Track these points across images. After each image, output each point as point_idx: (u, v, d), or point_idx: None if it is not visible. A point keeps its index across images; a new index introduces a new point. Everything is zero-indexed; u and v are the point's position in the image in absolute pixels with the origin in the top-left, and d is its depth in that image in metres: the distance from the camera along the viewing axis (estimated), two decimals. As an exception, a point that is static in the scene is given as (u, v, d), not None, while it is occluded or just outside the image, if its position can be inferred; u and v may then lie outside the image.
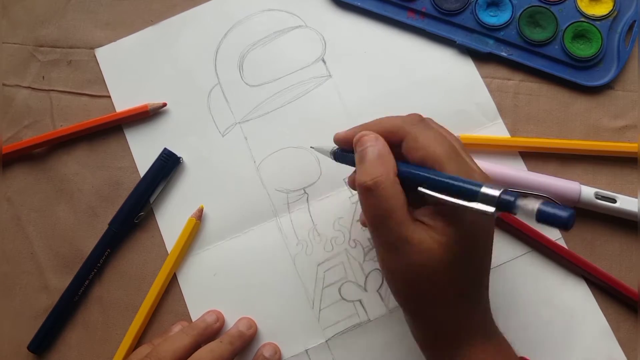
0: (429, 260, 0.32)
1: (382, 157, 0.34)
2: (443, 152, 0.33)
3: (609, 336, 0.43)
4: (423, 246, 0.32)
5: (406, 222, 0.32)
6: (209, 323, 0.43)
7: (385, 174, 0.33)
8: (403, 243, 0.32)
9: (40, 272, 0.46)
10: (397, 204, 0.33)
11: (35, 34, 0.50)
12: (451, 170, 0.32)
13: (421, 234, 0.32)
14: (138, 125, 0.48)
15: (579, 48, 0.47)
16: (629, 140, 0.46)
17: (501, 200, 0.29)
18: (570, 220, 0.26)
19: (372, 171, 0.33)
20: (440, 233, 0.32)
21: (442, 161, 0.33)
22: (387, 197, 0.33)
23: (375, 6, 0.49)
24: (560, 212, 0.26)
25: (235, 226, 0.46)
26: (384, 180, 0.33)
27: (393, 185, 0.33)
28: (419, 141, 0.34)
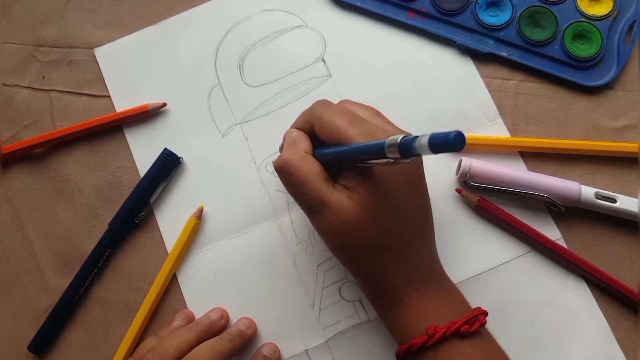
0: (347, 218, 0.35)
1: (293, 142, 0.38)
2: (344, 122, 0.36)
3: (609, 336, 0.43)
4: (341, 206, 0.35)
5: (322, 188, 0.36)
6: (213, 320, 0.43)
7: (294, 153, 0.37)
8: (322, 206, 0.36)
9: (40, 272, 0.46)
10: (309, 174, 0.36)
11: (35, 34, 0.50)
12: (355, 134, 0.35)
13: (338, 196, 0.35)
14: (138, 125, 0.48)
15: (579, 48, 0.47)
16: (629, 140, 0.46)
17: (402, 144, 0.29)
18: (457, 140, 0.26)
19: (282, 154, 0.38)
20: (355, 191, 0.35)
21: (345, 129, 0.35)
22: (297, 171, 0.36)
23: (375, 6, 0.49)
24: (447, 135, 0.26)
25: (235, 226, 0.46)
26: (292, 158, 0.37)
27: (302, 159, 0.37)
28: (323, 119, 0.37)
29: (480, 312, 0.36)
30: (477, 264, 0.44)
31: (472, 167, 0.44)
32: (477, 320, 0.35)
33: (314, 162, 0.37)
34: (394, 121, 0.47)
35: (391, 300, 0.37)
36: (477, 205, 0.44)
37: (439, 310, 0.36)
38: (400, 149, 0.29)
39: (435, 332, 0.34)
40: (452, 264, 0.44)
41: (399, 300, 0.36)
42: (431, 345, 0.34)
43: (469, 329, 0.34)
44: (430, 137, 0.27)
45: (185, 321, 0.43)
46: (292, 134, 0.39)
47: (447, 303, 0.37)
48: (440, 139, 0.27)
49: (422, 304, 0.36)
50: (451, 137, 0.26)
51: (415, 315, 0.36)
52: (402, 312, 0.36)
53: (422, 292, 0.36)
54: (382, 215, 0.35)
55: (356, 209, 0.35)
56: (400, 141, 0.29)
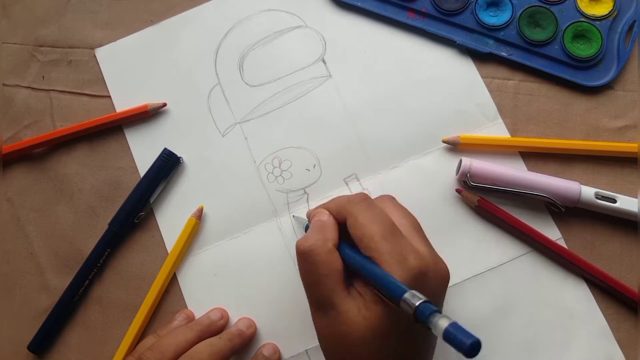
0: (351, 331, 0.33)
1: (323, 228, 0.36)
2: (378, 232, 0.34)
3: (609, 336, 0.43)
4: (347, 316, 0.33)
5: (337, 290, 0.34)
6: (213, 320, 0.43)
7: (322, 241, 0.35)
8: (330, 309, 0.34)
9: (40, 272, 0.46)
10: (330, 271, 0.34)
11: (35, 34, 0.50)
12: (384, 250, 0.33)
13: (349, 304, 0.33)
14: (138, 125, 0.48)
15: (579, 48, 0.47)
16: (629, 140, 0.46)
17: (417, 312, 0.29)
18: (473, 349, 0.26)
19: (311, 237, 0.35)
20: (367, 307, 0.33)
21: (376, 241, 0.33)
22: (320, 263, 0.34)
23: (375, 6, 0.49)
24: (464, 338, 0.26)
25: (235, 226, 0.46)
26: (319, 247, 0.34)
27: (328, 253, 0.34)
28: (358, 220, 0.35)
29: None
30: (477, 264, 0.44)
31: (472, 167, 0.44)
32: None
33: (337, 259, 0.35)
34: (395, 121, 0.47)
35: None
36: (477, 205, 0.44)
37: None
38: (416, 314, 0.29)
39: None
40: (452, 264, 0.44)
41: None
42: None
43: None
44: (447, 330, 0.27)
45: (186, 321, 0.43)
46: (322, 216, 0.37)
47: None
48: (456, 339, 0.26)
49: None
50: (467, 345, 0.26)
51: None
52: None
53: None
54: (390, 343, 0.33)
55: (363, 326, 0.32)
56: (417, 307, 0.29)
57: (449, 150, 0.46)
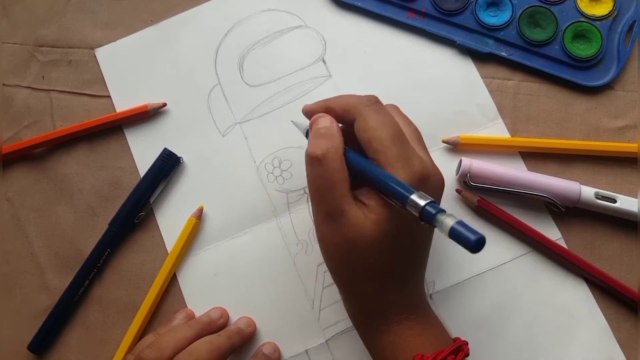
0: (360, 236, 0.34)
1: (331, 135, 0.36)
2: (387, 136, 0.34)
3: (609, 336, 0.43)
4: (356, 221, 0.34)
5: (346, 197, 0.34)
6: (213, 318, 0.43)
7: (334, 148, 0.35)
8: (340, 215, 0.34)
9: (40, 272, 0.46)
10: (341, 178, 0.35)
11: (35, 34, 0.50)
12: (391, 154, 0.34)
13: (356, 211, 0.34)
14: (138, 125, 0.48)
15: (579, 48, 0.47)
16: (629, 140, 0.46)
17: (425, 211, 0.30)
18: (478, 244, 0.27)
19: (322, 144, 0.35)
20: (374, 212, 0.34)
21: (385, 144, 0.34)
22: (333, 169, 0.35)
23: (375, 6, 0.49)
24: (469, 234, 0.27)
25: (235, 226, 0.46)
26: (332, 153, 0.35)
27: (339, 160, 0.35)
28: (368, 122, 0.35)
29: (462, 342, 0.36)
30: (477, 264, 0.44)
31: (472, 167, 0.44)
32: (461, 351, 0.35)
33: (345, 167, 0.35)
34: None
35: (379, 325, 0.36)
36: (477, 205, 0.44)
37: (425, 339, 0.36)
38: (421, 215, 0.30)
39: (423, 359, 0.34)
40: (452, 264, 0.44)
41: (387, 325, 0.36)
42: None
43: (455, 358, 0.34)
44: (453, 227, 0.27)
45: (186, 320, 0.44)
46: (326, 122, 0.37)
47: (433, 333, 0.37)
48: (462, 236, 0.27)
49: (410, 332, 0.36)
50: (473, 240, 0.26)
51: (402, 342, 0.35)
52: (389, 337, 0.36)
53: (411, 320, 0.36)
54: (395, 243, 0.35)
55: (372, 229, 0.34)
56: (423, 207, 0.30)
57: (449, 150, 0.46)
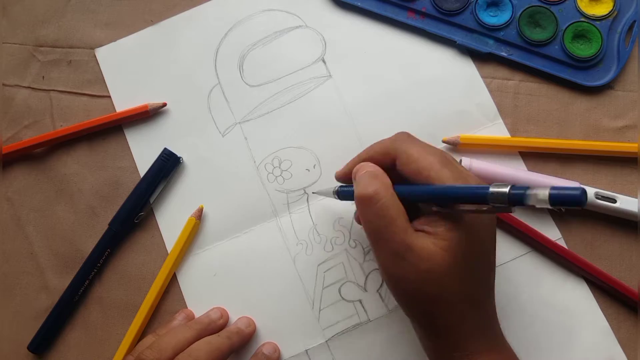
0: (434, 265, 0.33)
1: (376, 176, 0.35)
2: (436, 160, 0.34)
3: (609, 336, 0.43)
4: (427, 252, 0.33)
5: (408, 230, 0.33)
6: (212, 319, 0.43)
7: (383, 187, 0.34)
8: (407, 250, 0.33)
9: (40, 272, 0.46)
10: (398, 213, 0.34)
11: (35, 34, 0.50)
12: (447, 176, 0.33)
13: (423, 241, 0.33)
14: (138, 125, 0.48)
15: (579, 48, 0.47)
16: (629, 140, 0.46)
17: (512, 195, 0.29)
18: (583, 197, 0.26)
19: (370, 184, 0.35)
20: (442, 238, 0.33)
21: (437, 168, 0.34)
22: (388, 206, 0.34)
23: (375, 6, 0.49)
24: (572, 192, 0.27)
25: (235, 226, 0.46)
26: (383, 191, 0.34)
27: (392, 196, 0.34)
28: (411, 154, 0.35)
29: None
30: (477, 264, 0.44)
31: (472, 167, 0.44)
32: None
33: (399, 201, 0.34)
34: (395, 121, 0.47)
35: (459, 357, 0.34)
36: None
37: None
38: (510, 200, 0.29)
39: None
40: (452, 264, 0.44)
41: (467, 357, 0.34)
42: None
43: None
44: (552, 193, 0.27)
45: (185, 320, 0.44)
46: (368, 167, 0.36)
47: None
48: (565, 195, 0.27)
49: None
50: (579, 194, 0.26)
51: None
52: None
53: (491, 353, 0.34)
54: (472, 264, 0.34)
55: (444, 256, 0.33)
56: (509, 192, 0.29)
57: (449, 150, 0.46)
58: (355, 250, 0.45)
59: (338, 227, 0.46)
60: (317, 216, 0.46)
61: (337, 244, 0.45)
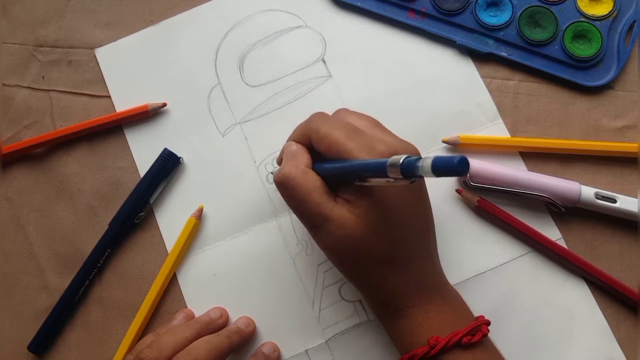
0: (350, 231, 0.35)
1: (293, 156, 0.38)
2: (342, 135, 0.36)
3: (609, 336, 0.43)
4: (343, 220, 0.35)
5: (324, 202, 0.36)
6: (212, 318, 0.43)
7: (294, 167, 0.37)
8: (324, 220, 0.36)
9: (40, 272, 0.46)
10: (310, 189, 0.36)
11: (35, 34, 0.50)
12: (352, 147, 0.35)
13: (341, 210, 0.35)
14: (138, 125, 0.48)
15: (579, 48, 0.47)
16: (629, 140, 0.46)
17: (404, 165, 0.29)
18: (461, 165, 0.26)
19: (282, 169, 0.37)
20: (355, 205, 0.35)
21: (343, 142, 0.35)
22: (298, 185, 0.36)
23: (375, 6, 0.49)
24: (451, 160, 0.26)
25: (235, 226, 0.46)
26: (292, 172, 0.36)
27: (302, 175, 0.36)
28: (320, 133, 0.37)
29: (482, 322, 0.36)
30: (477, 264, 0.44)
31: (472, 167, 0.44)
32: (479, 331, 0.35)
33: (314, 177, 0.37)
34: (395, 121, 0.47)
35: (394, 311, 0.37)
36: (477, 205, 0.44)
37: (440, 321, 0.36)
38: (403, 170, 0.29)
39: (437, 342, 0.34)
40: (452, 264, 0.44)
41: (401, 311, 0.36)
42: (433, 356, 0.34)
43: (471, 339, 0.34)
44: (433, 161, 0.27)
45: (185, 320, 0.44)
46: (290, 147, 0.39)
47: (450, 313, 0.37)
48: (443, 163, 0.27)
49: (424, 315, 0.36)
50: (455, 161, 0.26)
51: (417, 326, 0.36)
52: (404, 322, 0.36)
53: (425, 303, 0.36)
54: (384, 229, 0.35)
55: (358, 222, 0.35)
56: (402, 162, 0.29)
57: (449, 150, 0.46)
58: (355, 250, 0.45)
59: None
60: (317, 216, 0.46)
61: (337, 244, 0.45)
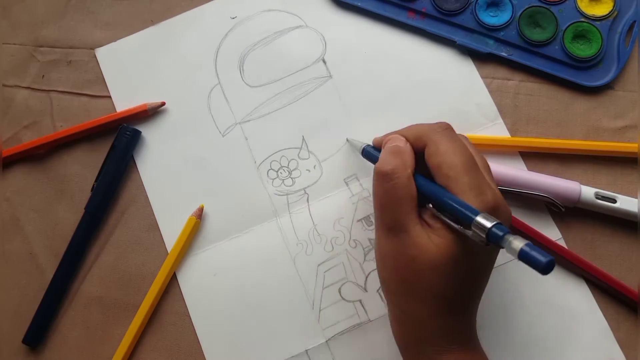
0: (421, 255, 0.33)
1: (401, 153, 0.36)
2: (460, 163, 0.34)
3: (609, 336, 0.43)
4: (420, 240, 0.34)
5: (411, 215, 0.34)
6: None
7: (403, 166, 0.35)
8: (402, 231, 0.34)
9: (40, 272, 0.46)
10: (407, 196, 0.34)
11: (35, 34, 0.50)
12: (463, 181, 0.33)
13: (420, 230, 0.34)
14: (138, 125, 0.48)
15: (579, 48, 0.47)
16: (629, 140, 0.46)
17: (491, 232, 0.30)
18: (548, 267, 0.27)
19: (392, 160, 0.36)
20: (438, 235, 0.34)
21: (457, 170, 0.34)
22: (400, 186, 0.35)
23: (376, 6, 0.49)
24: (540, 257, 0.27)
25: (235, 226, 0.46)
26: (400, 171, 0.35)
27: (407, 178, 0.35)
28: (439, 148, 0.35)
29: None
30: (477, 264, 0.44)
31: (472, 167, 0.44)
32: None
33: (414, 186, 0.35)
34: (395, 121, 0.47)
35: (427, 352, 0.35)
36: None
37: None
38: (489, 234, 0.30)
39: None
40: (452, 264, 0.44)
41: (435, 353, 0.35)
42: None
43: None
44: (522, 250, 0.28)
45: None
46: (399, 142, 0.37)
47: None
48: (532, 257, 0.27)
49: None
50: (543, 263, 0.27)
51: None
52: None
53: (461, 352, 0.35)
54: (457, 269, 0.34)
55: (433, 251, 0.33)
56: (491, 228, 0.30)
57: None
58: (355, 250, 0.45)
59: (338, 227, 0.46)
60: (317, 216, 0.46)
61: (337, 244, 0.45)
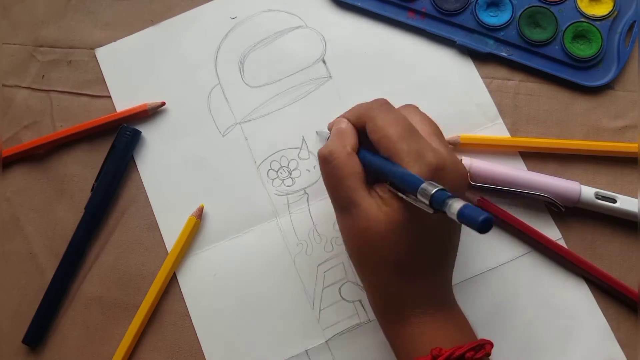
0: (372, 225, 0.35)
1: (341, 134, 0.38)
2: (395, 133, 0.35)
3: (609, 336, 0.43)
4: (369, 212, 0.35)
5: (358, 189, 0.36)
6: None
7: (341, 146, 0.37)
8: (353, 207, 0.36)
9: (41, 272, 0.46)
10: (349, 173, 0.36)
11: (35, 34, 0.50)
12: (401, 149, 0.34)
13: (370, 201, 0.35)
14: (138, 125, 0.48)
15: (579, 48, 0.47)
16: (629, 140, 0.46)
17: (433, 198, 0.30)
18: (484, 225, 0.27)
19: (330, 144, 0.37)
20: (386, 203, 0.35)
21: (394, 140, 0.35)
22: (340, 165, 0.36)
23: (376, 6, 0.49)
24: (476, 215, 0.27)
25: (235, 226, 0.46)
26: (338, 152, 0.36)
27: (347, 157, 0.36)
28: (377, 123, 0.36)
29: (486, 341, 0.36)
30: (477, 264, 0.44)
31: (472, 167, 0.44)
32: (482, 349, 0.35)
33: (356, 161, 0.36)
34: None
35: (398, 318, 0.36)
36: (477, 205, 0.44)
37: (445, 335, 0.35)
38: (432, 201, 0.30)
39: (440, 353, 0.33)
40: (452, 264, 0.44)
41: (405, 318, 0.36)
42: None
43: (474, 355, 0.34)
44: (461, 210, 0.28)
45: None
46: (341, 124, 0.39)
47: (454, 330, 0.36)
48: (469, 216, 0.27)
49: (429, 325, 0.36)
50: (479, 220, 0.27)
51: (420, 335, 0.35)
52: (408, 330, 0.36)
53: (431, 315, 0.36)
54: (406, 236, 0.35)
55: (383, 220, 0.34)
56: (434, 193, 0.30)
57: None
58: (355, 250, 0.45)
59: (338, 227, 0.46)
60: (317, 216, 0.46)
61: (337, 244, 0.45)
